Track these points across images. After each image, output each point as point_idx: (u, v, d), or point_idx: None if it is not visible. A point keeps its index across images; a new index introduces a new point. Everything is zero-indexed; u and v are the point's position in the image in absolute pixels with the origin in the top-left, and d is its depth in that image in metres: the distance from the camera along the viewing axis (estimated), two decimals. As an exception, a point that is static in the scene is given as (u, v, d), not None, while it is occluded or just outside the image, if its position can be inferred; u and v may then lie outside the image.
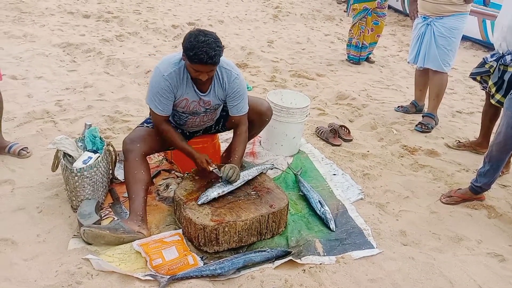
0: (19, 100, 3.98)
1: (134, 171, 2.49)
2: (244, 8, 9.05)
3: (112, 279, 2.09)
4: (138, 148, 2.54)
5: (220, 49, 2.30)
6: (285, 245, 2.45)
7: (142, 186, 2.48)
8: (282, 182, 3.07)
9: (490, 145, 2.84)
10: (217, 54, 2.28)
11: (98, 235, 2.25)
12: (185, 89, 2.50)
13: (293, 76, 5.40)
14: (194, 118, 2.69)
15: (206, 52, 2.22)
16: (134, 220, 2.39)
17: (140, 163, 2.52)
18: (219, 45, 2.29)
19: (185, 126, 2.77)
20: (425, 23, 4.02)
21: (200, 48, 2.22)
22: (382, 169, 3.36)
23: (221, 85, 2.56)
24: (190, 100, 2.55)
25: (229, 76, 2.55)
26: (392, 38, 7.72)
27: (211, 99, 2.59)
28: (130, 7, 7.95)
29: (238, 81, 2.58)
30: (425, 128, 4.05)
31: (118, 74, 4.93)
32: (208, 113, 2.70)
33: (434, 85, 4.10)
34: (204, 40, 2.24)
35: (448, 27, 3.88)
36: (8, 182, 2.81)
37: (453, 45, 3.95)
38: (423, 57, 4.08)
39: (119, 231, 2.30)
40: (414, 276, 2.28)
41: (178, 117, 2.70)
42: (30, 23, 6.47)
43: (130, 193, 2.48)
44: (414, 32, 4.22)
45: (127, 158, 2.53)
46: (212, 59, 2.25)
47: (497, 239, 2.66)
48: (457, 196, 2.98)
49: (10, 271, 2.11)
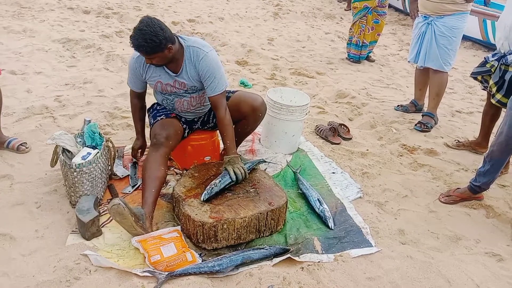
0: (18, 95, 3.96)
1: (160, 166, 2.52)
2: (244, 6, 9.04)
3: (110, 275, 2.08)
4: (170, 146, 2.64)
5: (153, 42, 2.35)
6: (283, 243, 2.45)
7: (160, 183, 2.50)
8: (281, 179, 3.07)
9: (491, 145, 2.83)
10: (147, 46, 2.36)
11: (123, 214, 2.18)
12: (156, 71, 2.64)
13: (293, 74, 5.39)
14: (180, 101, 2.76)
15: (136, 39, 2.36)
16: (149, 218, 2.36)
17: (166, 160, 2.59)
18: (153, 39, 2.35)
19: (176, 111, 2.83)
20: (425, 22, 4.01)
21: (134, 35, 2.37)
22: (381, 168, 3.36)
23: (192, 64, 2.60)
24: (164, 82, 2.67)
25: (197, 54, 2.58)
26: (393, 37, 7.72)
27: (184, 80, 2.64)
28: (130, 3, 7.93)
29: (208, 59, 2.58)
30: (424, 128, 4.05)
31: (118, 70, 4.92)
32: (194, 96, 2.75)
33: (434, 84, 4.10)
34: (142, 29, 2.35)
35: (449, 27, 3.87)
36: (7, 177, 2.80)
37: (454, 44, 3.94)
38: (424, 57, 4.07)
39: (139, 223, 2.26)
40: (412, 275, 2.28)
41: (166, 101, 2.81)
42: (30, 18, 6.45)
43: (150, 187, 2.43)
44: (414, 31, 4.21)
45: (157, 150, 2.56)
46: (139, 48, 2.40)
47: (495, 239, 2.66)
48: (455, 195, 2.98)
49: (8, 266, 2.11)
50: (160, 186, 2.50)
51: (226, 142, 2.64)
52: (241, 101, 2.83)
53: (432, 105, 4.15)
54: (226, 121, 2.64)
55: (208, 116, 2.95)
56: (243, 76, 5.04)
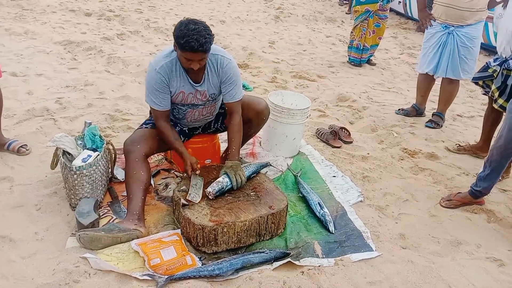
0: (19, 97, 3.97)
1: (133, 171, 2.49)
2: (245, 9, 9.06)
3: (110, 278, 2.08)
4: (138, 149, 2.54)
5: (210, 36, 2.34)
6: (283, 247, 2.44)
7: (140, 186, 2.47)
8: (281, 183, 3.06)
9: (491, 149, 2.83)
10: (208, 42, 2.32)
11: (94, 237, 2.22)
12: (180, 82, 2.53)
13: (294, 77, 5.39)
14: (193, 111, 2.70)
15: (196, 40, 2.27)
16: (130, 219, 2.38)
17: (140, 163, 2.52)
18: (209, 33, 2.34)
19: (185, 120, 2.77)
20: (446, 32, 3.89)
21: (190, 36, 2.27)
22: (382, 172, 3.35)
23: (214, 71, 2.58)
24: (186, 92, 2.58)
25: (221, 62, 2.57)
26: (394, 40, 7.72)
27: (206, 88, 2.61)
28: (131, 6, 7.95)
29: (231, 65, 2.60)
30: (436, 126, 4.15)
31: (119, 73, 4.92)
32: (207, 106, 2.71)
33: (447, 90, 4.12)
34: (194, 28, 2.29)
35: (470, 37, 3.82)
36: (7, 179, 2.80)
37: (473, 54, 3.90)
38: (445, 68, 3.96)
39: (115, 231, 2.29)
40: (413, 279, 2.27)
41: (177, 111, 2.71)
42: (32, 20, 6.47)
43: (129, 193, 2.48)
44: (431, 41, 4.02)
45: (128, 158, 2.52)
46: (202, 47, 2.30)
47: (496, 244, 2.65)
48: (456, 200, 2.97)
49: (7, 268, 2.10)
50: (141, 187, 2.47)
51: (232, 148, 2.63)
52: (245, 104, 2.81)
53: (443, 107, 4.23)
54: (238, 127, 2.67)
55: (210, 123, 2.94)
56: (244, 79, 5.04)
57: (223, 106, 2.89)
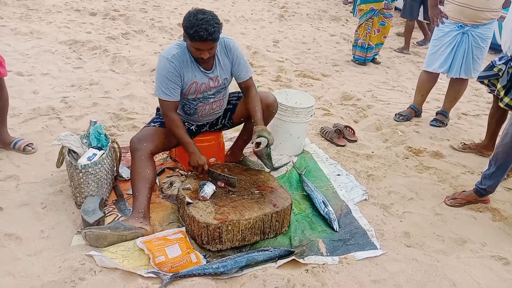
0: (25, 96, 3.99)
1: (139, 169, 2.50)
2: (250, 8, 9.05)
3: (115, 275, 2.09)
4: (144, 147, 2.55)
5: (219, 25, 2.38)
6: (288, 245, 2.45)
7: (146, 184, 2.48)
8: (286, 181, 3.06)
9: (496, 147, 2.82)
10: (216, 31, 2.35)
11: (100, 235, 2.24)
12: (192, 71, 2.56)
13: (298, 76, 5.39)
14: (204, 106, 2.72)
15: (205, 29, 2.30)
16: (136, 217, 2.40)
17: (146, 161, 2.52)
18: (217, 22, 2.38)
19: (196, 116, 2.77)
20: (460, 31, 3.80)
21: (199, 25, 2.30)
22: (386, 170, 3.35)
23: (224, 54, 2.64)
24: (199, 82, 2.60)
25: (227, 43, 2.64)
26: (398, 39, 7.69)
27: (218, 74, 2.64)
28: (136, 5, 7.96)
29: (236, 45, 2.69)
30: (440, 124, 4.15)
31: (124, 72, 4.94)
32: (217, 98, 2.74)
33: (455, 89, 4.09)
34: (203, 17, 2.33)
35: (484, 37, 3.78)
36: (13, 177, 2.82)
37: (484, 54, 3.89)
38: (459, 68, 3.90)
39: (120, 229, 2.30)
40: (418, 278, 2.27)
41: (188, 106, 2.72)
42: (37, 20, 6.50)
43: (134, 191, 2.49)
44: (444, 39, 3.89)
45: (134, 156, 2.53)
46: (211, 36, 2.33)
47: (501, 242, 2.64)
48: (461, 198, 2.97)
49: (13, 266, 2.12)
50: (146, 185, 2.47)
51: (257, 115, 2.68)
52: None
53: (448, 106, 4.22)
54: (257, 98, 2.75)
55: (218, 119, 2.95)
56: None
57: (231, 102, 2.91)
